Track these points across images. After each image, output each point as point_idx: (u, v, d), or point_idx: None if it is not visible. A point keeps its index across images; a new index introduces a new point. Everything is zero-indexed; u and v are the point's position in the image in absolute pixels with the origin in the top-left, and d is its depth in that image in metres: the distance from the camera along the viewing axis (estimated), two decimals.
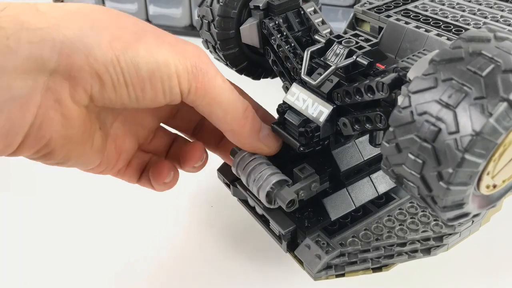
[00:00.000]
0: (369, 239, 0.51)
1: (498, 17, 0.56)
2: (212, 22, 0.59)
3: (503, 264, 0.57)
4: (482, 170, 0.36)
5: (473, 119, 0.32)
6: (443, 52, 0.35)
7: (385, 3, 0.62)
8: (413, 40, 0.55)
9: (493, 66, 0.33)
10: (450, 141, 0.33)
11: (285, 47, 0.55)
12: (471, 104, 0.32)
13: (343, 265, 0.50)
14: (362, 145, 0.56)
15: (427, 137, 0.34)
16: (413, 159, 0.36)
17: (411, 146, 0.36)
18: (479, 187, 0.38)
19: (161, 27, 1.20)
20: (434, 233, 0.51)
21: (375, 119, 0.46)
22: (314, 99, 0.51)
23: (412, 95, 0.35)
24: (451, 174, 0.34)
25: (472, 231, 0.54)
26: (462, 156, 0.33)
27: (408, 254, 0.51)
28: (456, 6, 0.60)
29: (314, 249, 0.50)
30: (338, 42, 0.51)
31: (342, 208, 0.54)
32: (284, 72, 0.58)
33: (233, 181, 0.59)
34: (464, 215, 0.39)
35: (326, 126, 0.50)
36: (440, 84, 0.34)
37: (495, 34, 0.35)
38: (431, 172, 0.35)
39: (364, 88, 0.45)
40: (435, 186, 0.36)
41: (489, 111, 0.32)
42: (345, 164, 0.55)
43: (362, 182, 0.56)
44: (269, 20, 0.57)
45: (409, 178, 0.38)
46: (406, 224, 0.52)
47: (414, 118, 0.35)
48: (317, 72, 0.51)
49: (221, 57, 0.63)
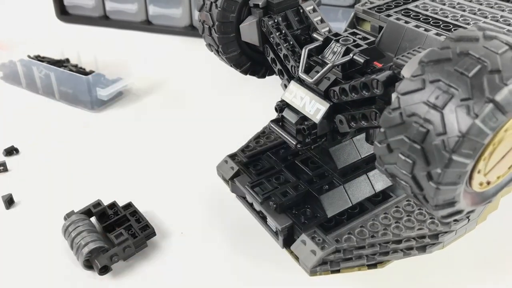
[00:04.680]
0: (365, 236, 0.51)
1: (498, 17, 0.56)
2: (213, 27, 0.60)
3: (499, 263, 0.58)
4: (472, 169, 0.37)
5: (460, 121, 0.32)
6: (431, 53, 0.35)
7: (386, 3, 0.62)
8: (412, 39, 0.55)
9: (479, 67, 0.33)
10: (438, 142, 0.34)
11: (283, 45, 0.56)
12: (458, 105, 0.33)
13: (338, 261, 0.51)
14: (359, 143, 0.57)
15: (416, 138, 0.35)
16: (404, 159, 0.36)
17: (401, 147, 0.36)
18: (471, 185, 0.38)
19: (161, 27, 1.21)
20: (429, 231, 0.52)
21: (370, 116, 0.46)
22: (311, 96, 0.51)
23: (401, 97, 0.35)
24: (439, 175, 0.35)
25: (468, 229, 0.55)
26: (449, 157, 0.33)
27: (403, 252, 0.52)
28: (456, 5, 0.60)
29: (309, 245, 0.51)
30: (336, 40, 0.51)
31: (339, 205, 0.55)
32: (283, 70, 0.58)
33: (232, 177, 0.60)
34: (457, 213, 0.40)
35: (323, 124, 0.50)
36: (427, 86, 0.34)
37: (484, 33, 0.35)
38: (421, 172, 0.36)
39: (359, 85, 0.46)
40: (425, 185, 0.37)
41: (475, 112, 0.32)
42: (342, 162, 0.56)
43: (359, 180, 0.56)
44: (268, 18, 0.58)
45: (401, 177, 0.38)
46: (402, 222, 0.52)
47: (403, 119, 0.35)
48: (314, 70, 0.51)
49: (225, 60, 0.64)
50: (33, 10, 1.29)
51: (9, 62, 0.95)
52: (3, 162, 0.74)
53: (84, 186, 0.71)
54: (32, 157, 0.77)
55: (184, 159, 0.75)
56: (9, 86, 0.96)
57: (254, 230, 0.61)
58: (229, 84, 0.94)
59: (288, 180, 0.57)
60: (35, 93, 0.93)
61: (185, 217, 0.65)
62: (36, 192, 0.70)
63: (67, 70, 0.90)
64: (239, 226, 0.63)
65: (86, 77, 0.86)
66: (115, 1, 1.16)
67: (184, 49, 1.09)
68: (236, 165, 0.61)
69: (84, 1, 1.18)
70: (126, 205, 0.65)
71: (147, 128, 0.83)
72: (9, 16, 1.27)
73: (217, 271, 0.58)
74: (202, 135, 0.81)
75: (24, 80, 0.94)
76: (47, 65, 0.90)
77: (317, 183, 0.56)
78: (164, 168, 0.74)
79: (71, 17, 1.21)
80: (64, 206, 0.66)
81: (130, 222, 0.61)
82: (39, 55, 0.97)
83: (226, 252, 0.60)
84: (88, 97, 0.87)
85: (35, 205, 0.68)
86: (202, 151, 0.76)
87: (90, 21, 1.19)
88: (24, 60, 0.92)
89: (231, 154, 0.64)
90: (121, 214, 0.63)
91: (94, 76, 0.88)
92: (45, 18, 1.23)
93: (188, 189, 0.69)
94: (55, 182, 0.72)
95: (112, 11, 1.17)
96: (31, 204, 0.68)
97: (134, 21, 1.16)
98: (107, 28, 1.18)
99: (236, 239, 0.61)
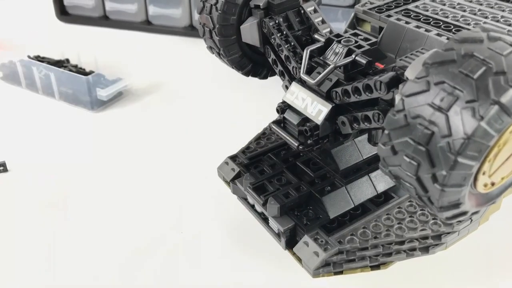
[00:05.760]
0: (368, 237, 0.51)
1: (498, 17, 0.56)
2: (213, 30, 0.60)
3: (502, 264, 0.58)
4: (477, 171, 0.37)
5: (465, 123, 0.32)
6: (435, 54, 0.35)
7: (386, 3, 0.62)
8: (413, 40, 0.55)
9: (484, 69, 0.33)
10: (443, 144, 0.33)
11: (284, 46, 0.56)
12: (463, 107, 0.32)
13: (341, 263, 0.51)
14: (361, 144, 0.57)
15: (421, 140, 0.35)
16: (408, 161, 0.36)
17: (406, 149, 0.36)
18: (476, 186, 0.38)
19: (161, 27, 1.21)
20: (432, 231, 0.51)
21: (373, 118, 0.46)
22: (313, 98, 0.51)
23: (405, 99, 0.35)
24: (445, 177, 0.35)
25: (470, 230, 0.55)
26: (454, 159, 0.33)
27: (406, 253, 0.52)
28: (457, 6, 0.60)
29: (312, 247, 0.51)
30: (338, 41, 0.51)
31: (341, 207, 0.54)
32: (284, 71, 0.58)
33: (233, 179, 0.60)
34: (462, 214, 0.40)
35: (325, 125, 0.50)
36: (432, 88, 0.34)
37: (488, 34, 0.35)
38: (425, 174, 0.36)
39: (362, 86, 0.46)
40: (430, 187, 0.37)
41: (480, 115, 0.32)
42: (344, 163, 0.56)
43: (361, 181, 0.56)
44: (269, 19, 0.57)
45: (405, 179, 0.38)
46: (404, 223, 0.52)
47: (408, 121, 0.35)
48: (316, 71, 0.51)
49: (226, 62, 0.63)
50: (33, 10, 1.29)
51: (9, 62, 0.95)
52: (3, 162, 0.74)
53: (84, 186, 0.71)
54: (32, 158, 0.77)
55: (184, 159, 0.75)
56: (9, 86, 0.96)
57: (256, 231, 0.60)
58: (229, 84, 0.94)
59: (289, 182, 0.57)
60: (35, 93, 0.93)
61: (185, 218, 0.65)
62: (36, 192, 0.70)
63: (67, 70, 0.90)
64: (241, 228, 0.63)
65: (86, 77, 0.86)
66: (115, 1, 1.15)
67: (184, 49, 1.09)
68: (237, 167, 0.61)
69: (84, 1, 1.18)
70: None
71: (147, 128, 0.83)
72: (9, 16, 1.27)
73: (218, 272, 0.57)
74: (202, 136, 0.80)
75: (24, 80, 0.94)
76: (47, 65, 0.90)
77: (319, 184, 0.56)
78: (164, 168, 0.74)
79: (71, 17, 1.21)
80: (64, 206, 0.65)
81: None
82: (39, 55, 0.97)
83: (228, 254, 0.60)
84: (88, 97, 0.87)
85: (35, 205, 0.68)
86: (202, 152, 0.76)
87: (90, 21, 1.19)
88: (24, 60, 0.92)
89: (232, 155, 0.64)
90: None
91: (94, 76, 0.88)
92: (45, 18, 1.23)
93: (188, 189, 0.69)
94: (55, 182, 0.72)
95: (112, 11, 1.17)
96: (31, 204, 0.68)
97: (134, 21, 1.16)
98: (107, 28, 1.18)
99: (237, 241, 0.61)
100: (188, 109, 0.88)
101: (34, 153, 0.78)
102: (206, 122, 0.84)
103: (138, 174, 0.73)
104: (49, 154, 0.77)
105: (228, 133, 0.80)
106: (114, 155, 0.77)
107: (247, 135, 0.67)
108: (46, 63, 0.92)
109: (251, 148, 0.64)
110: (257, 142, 0.65)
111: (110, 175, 0.73)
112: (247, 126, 0.72)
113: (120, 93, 0.91)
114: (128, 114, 0.88)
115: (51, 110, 0.89)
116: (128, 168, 0.74)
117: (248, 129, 0.70)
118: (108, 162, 0.75)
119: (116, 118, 0.87)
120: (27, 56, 0.94)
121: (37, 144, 0.80)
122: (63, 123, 0.85)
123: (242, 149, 0.64)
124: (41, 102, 0.91)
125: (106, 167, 0.74)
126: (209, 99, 0.91)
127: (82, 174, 0.73)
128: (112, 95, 0.88)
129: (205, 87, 0.95)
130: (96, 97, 0.87)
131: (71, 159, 0.76)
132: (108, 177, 0.73)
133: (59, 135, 0.82)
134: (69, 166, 0.75)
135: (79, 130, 0.83)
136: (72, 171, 0.74)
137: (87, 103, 0.87)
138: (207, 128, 0.82)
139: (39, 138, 0.81)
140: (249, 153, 0.63)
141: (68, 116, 0.87)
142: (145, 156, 0.76)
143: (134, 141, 0.80)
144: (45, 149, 0.79)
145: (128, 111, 0.88)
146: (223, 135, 0.80)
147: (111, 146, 0.79)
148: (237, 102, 0.89)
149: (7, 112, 0.89)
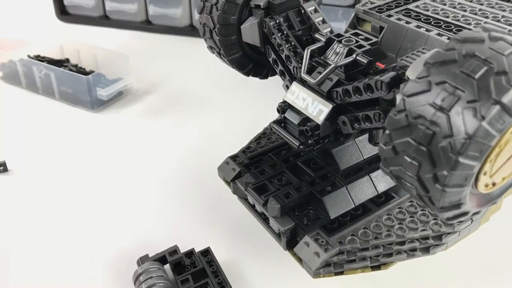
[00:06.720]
0: (368, 238, 0.51)
1: (499, 17, 0.56)
2: (214, 30, 0.60)
3: (503, 264, 0.58)
4: (478, 171, 0.36)
5: (466, 123, 0.32)
6: (437, 54, 0.35)
7: (386, 3, 0.62)
8: (413, 39, 0.55)
9: (486, 69, 0.33)
10: (444, 144, 0.33)
11: (285, 46, 0.56)
12: (464, 107, 0.32)
13: (342, 263, 0.51)
14: (362, 144, 0.57)
15: (422, 140, 0.34)
16: (409, 161, 0.36)
17: (407, 149, 0.36)
18: (477, 187, 0.38)
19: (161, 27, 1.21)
20: (433, 232, 0.51)
21: (374, 118, 0.46)
22: (314, 97, 0.51)
23: (406, 99, 0.35)
24: (446, 177, 0.34)
25: (471, 230, 0.54)
26: (456, 159, 0.33)
27: (407, 253, 0.51)
28: (457, 6, 0.59)
29: (313, 247, 0.51)
30: (338, 41, 0.51)
31: (342, 207, 0.54)
32: (285, 71, 0.58)
33: (234, 179, 0.60)
34: (462, 214, 0.40)
35: (325, 125, 0.50)
36: (433, 88, 0.34)
37: (490, 34, 0.35)
38: (427, 175, 0.36)
39: (363, 86, 0.46)
40: (431, 188, 0.36)
41: (481, 115, 0.32)
42: (344, 163, 0.56)
43: (362, 181, 0.56)
44: (270, 19, 0.57)
45: (406, 179, 0.38)
46: (405, 223, 0.52)
47: (409, 121, 0.35)
48: (317, 71, 0.51)
49: (227, 62, 0.63)
50: (33, 10, 1.29)
51: (9, 62, 0.95)
52: (3, 162, 0.74)
53: (83, 186, 0.71)
54: (32, 157, 0.77)
55: (185, 159, 0.75)
56: (9, 86, 0.96)
57: (256, 232, 0.60)
58: (229, 84, 0.94)
59: (290, 182, 0.57)
60: (35, 93, 0.93)
61: (185, 218, 0.65)
62: (36, 192, 0.70)
63: (67, 70, 0.90)
64: (241, 228, 0.63)
65: (86, 77, 0.86)
66: (115, 1, 1.16)
67: (184, 49, 1.09)
68: (238, 167, 0.61)
69: (84, 1, 1.18)
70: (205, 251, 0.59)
71: (147, 128, 0.83)
72: (9, 16, 1.27)
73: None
74: (202, 135, 0.80)
75: (24, 80, 0.94)
76: (47, 65, 0.90)
77: (320, 184, 0.56)
78: (164, 168, 0.74)
79: (71, 17, 1.21)
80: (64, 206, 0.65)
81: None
82: (39, 55, 0.97)
83: (228, 254, 0.59)
84: (88, 97, 0.87)
85: (34, 205, 0.67)
86: (202, 152, 0.76)
87: (90, 21, 1.19)
88: (24, 60, 0.92)
89: (232, 155, 0.64)
90: (199, 267, 0.57)
91: (94, 76, 0.88)
92: (45, 18, 1.23)
93: (188, 190, 0.69)
94: (54, 181, 0.72)
95: (112, 11, 1.17)
96: (31, 204, 0.68)
97: (134, 21, 1.16)
98: (107, 28, 1.18)
99: (238, 241, 0.61)
100: (188, 108, 0.88)
101: (34, 153, 0.78)
102: (206, 122, 0.84)
103: (138, 174, 0.73)
104: (49, 154, 0.77)
105: (228, 133, 0.80)
106: (114, 155, 0.77)
107: (247, 135, 0.67)
108: (46, 62, 0.92)
109: (251, 148, 0.64)
110: (258, 142, 0.65)
111: (110, 174, 0.73)
112: (247, 126, 0.72)
113: (120, 93, 0.91)
114: (128, 114, 0.87)
115: (51, 110, 0.89)
116: (128, 167, 0.74)
117: (248, 129, 0.70)
118: (108, 162, 0.75)
119: (116, 118, 0.86)
120: (27, 55, 0.94)
121: (37, 144, 0.80)
122: (63, 123, 0.85)
123: (242, 149, 0.64)
124: (41, 102, 0.91)
125: (106, 167, 0.74)
126: (209, 99, 0.91)
127: (82, 173, 0.73)
128: (112, 95, 0.88)
129: (205, 87, 0.95)
130: (96, 97, 0.87)
131: (71, 159, 0.76)
132: (108, 176, 0.72)
133: (59, 135, 0.82)
134: (69, 166, 0.75)
135: (79, 130, 0.83)
136: (72, 171, 0.74)
137: (87, 102, 0.87)
138: (207, 128, 0.82)
139: (39, 138, 0.81)
140: (249, 153, 0.63)
141: (68, 116, 0.87)
142: (145, 156, 0.76)
143: (134, 141, 0.80)
144: (45, 149, 0.78)
145: (128, 111, 0.88)
146: (223, 134, 0.80)
147: (111, 146, 0.79)
148: (237, 102, 0.89)
149: (7, 112, 0.89)
